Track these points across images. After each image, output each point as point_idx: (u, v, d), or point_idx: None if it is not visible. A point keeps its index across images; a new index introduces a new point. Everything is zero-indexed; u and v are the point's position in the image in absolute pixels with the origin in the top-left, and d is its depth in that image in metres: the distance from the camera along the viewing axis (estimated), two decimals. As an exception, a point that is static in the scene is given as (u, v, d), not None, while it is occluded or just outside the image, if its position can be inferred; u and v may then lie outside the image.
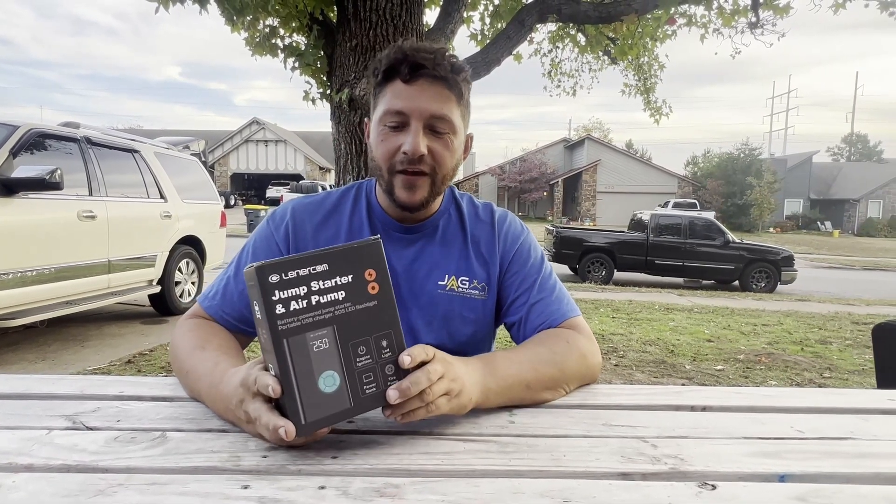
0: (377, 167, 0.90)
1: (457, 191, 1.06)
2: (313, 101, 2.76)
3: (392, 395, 0.59)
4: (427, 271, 0.94)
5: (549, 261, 9.79)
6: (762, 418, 0.73)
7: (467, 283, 0.95)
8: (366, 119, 1.00)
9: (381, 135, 0.88)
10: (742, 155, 32.47)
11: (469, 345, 0.96)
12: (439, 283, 0.94)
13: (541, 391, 0.78)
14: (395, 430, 0.65)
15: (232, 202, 28.13)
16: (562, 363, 0.81)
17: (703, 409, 0.77)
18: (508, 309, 0.97)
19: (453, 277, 0.95)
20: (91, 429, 0.64)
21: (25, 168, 3.50)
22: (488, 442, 0.63)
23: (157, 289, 4.83)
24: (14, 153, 3.56)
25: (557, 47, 5.87)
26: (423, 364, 0.62)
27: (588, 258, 10.07)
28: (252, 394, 0.60)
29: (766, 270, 9.86)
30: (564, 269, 10.83)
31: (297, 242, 0.94)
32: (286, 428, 0.55)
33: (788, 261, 9.88)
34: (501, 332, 1.04)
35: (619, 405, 0.77)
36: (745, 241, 10.31)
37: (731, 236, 10.12)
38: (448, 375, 0.64)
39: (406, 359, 0.60)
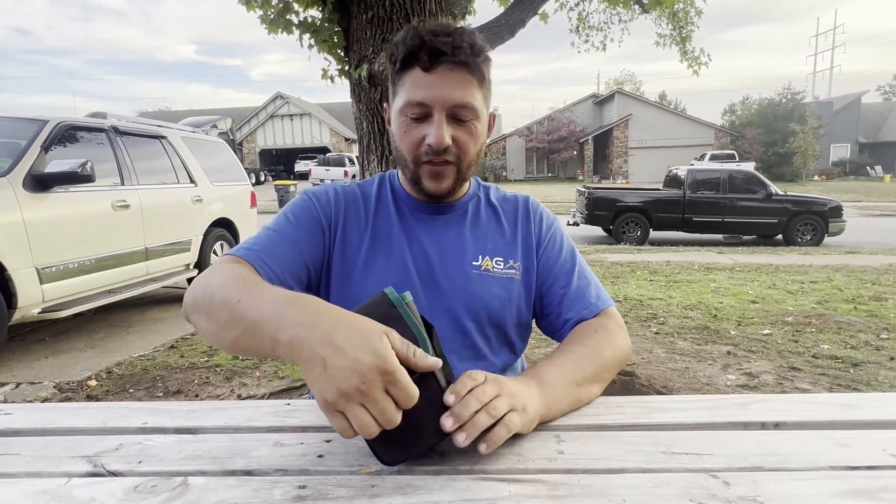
0: (402, 157, 0.90)
1: (482, 181, 1.05)
2: (332, 79, 2.66)
3: (446, 422, 0.57)
4: (460, 252, 0.92)
5: (583, 223, 9.52)
6: (846, 438, 0.64)
7: (502, 263, 0.93)
8: (385, 104, 0.98)
9: (403, 126, 0.88)
10: (784, 100, 30.74)
11: (512, 327, 0.93)
12: (473, 263, 0.92)
13: (588, 386, 0.77)
14: (433, 471, 0.59)
15: (262, 178, 28.39)
16: (598, 353, 0.82)
17: (776, 425, 0.69)
18: (542, 300, 0.95)
19: (487, 258, 0.93)
20: (112, 473, 0.61)
21: (58, 163, 3.55)
22: (536, 483, 0.57)
23: (195, 272, 4.92)
24: (46, 148, 3.61)
25: (584, 0, 5.54)
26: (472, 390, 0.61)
27: (622, 218, 9.80)
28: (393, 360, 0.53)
29: (811, 223, 9.43)
30: (598, 231, 10.60)
31: (331, 205, 0.93)
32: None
33: (836, 211, 9.41)
34: (541, 333, 0.98)
35: (679, 424, 0.69)
36: (788, 193, 9.83)
37: (774, 188, 9.66)
38: (505, 392, 0.63)
39: (450, 397, 0.59)
